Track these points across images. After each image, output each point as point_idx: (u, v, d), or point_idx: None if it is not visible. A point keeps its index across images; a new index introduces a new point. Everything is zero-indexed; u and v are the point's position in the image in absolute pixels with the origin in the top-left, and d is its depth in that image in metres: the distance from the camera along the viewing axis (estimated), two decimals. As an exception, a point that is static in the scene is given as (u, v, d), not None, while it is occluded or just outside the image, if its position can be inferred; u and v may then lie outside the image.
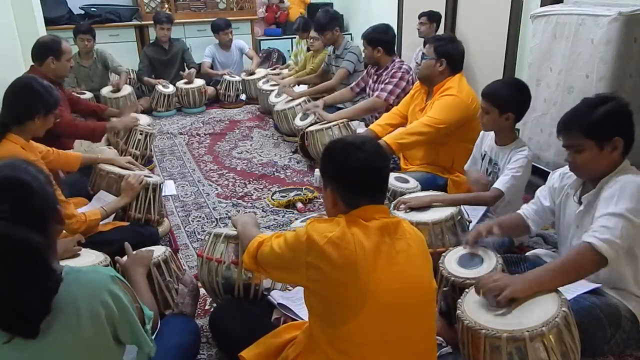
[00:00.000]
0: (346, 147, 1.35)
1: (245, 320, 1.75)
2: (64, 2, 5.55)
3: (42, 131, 2.22)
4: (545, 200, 1.93)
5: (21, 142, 2.11)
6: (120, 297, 1.14)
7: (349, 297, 1.24)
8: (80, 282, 1.11)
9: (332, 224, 1.29)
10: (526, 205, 2.00)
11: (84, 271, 1.16)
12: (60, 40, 3.04)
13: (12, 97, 2.17)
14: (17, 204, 1.07)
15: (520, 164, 2.23)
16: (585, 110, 1.66)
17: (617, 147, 1.63)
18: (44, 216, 1.12)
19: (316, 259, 1.25)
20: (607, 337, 1.63)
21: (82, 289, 1.10)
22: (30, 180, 1.12)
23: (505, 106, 2.23)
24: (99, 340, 1.11)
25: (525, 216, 1.96)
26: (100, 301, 1.10)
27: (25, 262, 1.02)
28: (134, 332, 1.18)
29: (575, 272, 1.54)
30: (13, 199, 1.07)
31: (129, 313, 1.16)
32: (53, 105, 2.22)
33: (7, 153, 2.04)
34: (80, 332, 1.08)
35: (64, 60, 3.01)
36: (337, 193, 1.34)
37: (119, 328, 1.15)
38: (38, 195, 1.11)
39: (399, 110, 3.12)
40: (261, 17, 6.57)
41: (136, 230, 2.40)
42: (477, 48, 3.93)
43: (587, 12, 2.55)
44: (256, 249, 1.47)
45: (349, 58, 4.28)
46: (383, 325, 1.26)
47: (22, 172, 1.14)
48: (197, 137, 4.42)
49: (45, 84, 2.23)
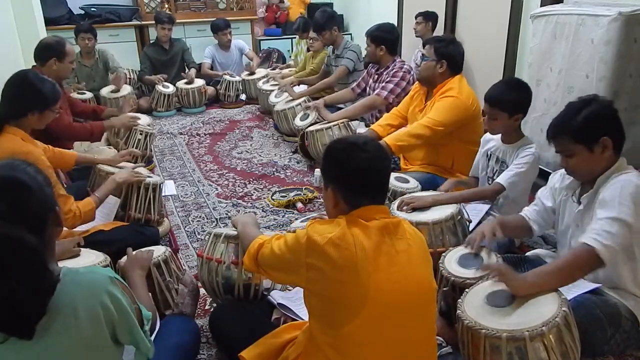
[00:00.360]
0: (348, 147, 1.35)
1: (245, 320, 1.75)
2: (64, 2, 5.55)
3: (42, 124, 2.21)
4: (547, 200, 1.93)
5: (20, 134, 2.09)
6: (118, 298, 1.14)
7: (349, 297, 1.24)
8: (78, 283, 1.11)
9: (332, 225, 1.29)
10: (528, 208, 2.00)
11: (82, 272, 1.16)
12: (65, 42, 3.03)
13: (9, 91, 2.16)
14: (15, 204, 1.07)
15: (525, 160, 2.22)
16: (569, 115, 1.68)
17: (607, 147, 1.64)
18: (41, 217, 1.13)
19: (316, 259, 1.25)
20: (607, 337, 1.63)
21: (81, 290, 1.10)
22: (28, 180, 1.12)
23: (514, 108, 2.25)
24: (98, 341, 1.11)
25: (527, 218, 1.96)
26: (98, 302, 1.10)
27: (21, 262, 1.01)
28: (132, 333, 1.18)
29: (573, 273, 1.56)
30: (10, 199, 1.07)
31: (127, 314, 1.16)
32: (51, 102, 2.19)
33: (7, 145, 2.04)
34: (79, 333, 1.07)
35: (67, 62, 2.99)
36: (338, 193, 1.34)
37: (118, 329, 1.15)
38: (36, 195, 1.11)
39: (399, 111, 3.12)
40: (261, 17, 6.57)
41: (137, 231, 2.40)
42: (477, 48, 3.92)
43: (587, 12, 2.56)
44: (257, 251, 1.47)
45: (348, 56, 4.28)
46: (383, 326, 1.26)
47: (20, 172, 1.14)
48: (197, 137, 4.42)
49: (45, 79, 2.21)
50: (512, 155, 2.32)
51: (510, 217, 2.04)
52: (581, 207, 1.75)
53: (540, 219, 1.95)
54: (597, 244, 1.51)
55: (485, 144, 2.50)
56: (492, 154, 2.43)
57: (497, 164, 2.39)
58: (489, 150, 2.45)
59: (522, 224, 1.96)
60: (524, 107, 2.27)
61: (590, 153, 1.65)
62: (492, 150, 2.43)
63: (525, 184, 2.29)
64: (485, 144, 2.50)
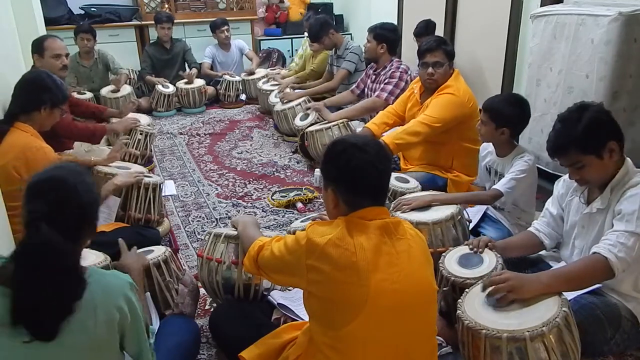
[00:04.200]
0: (348, 149, 1.33)
1: (245, 320, 1.75)
2: (64, 2, 5.54)
3: (49, 124, 2.26)
4: (554, 209, 1.93)
5: (31, 131, 2.15)
6: (134, 304, 1.16)
7: (349, 298, 1.24)
8: (100, 284, 1.12)
9: (331, 227, 1.29)
10: (537, 221, 2.00)
11: (107, 274, 1.19)
12: (44, 38, 2.99)
13: (22, 87, 2.22)
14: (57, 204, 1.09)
15: (519, 168, 2.23)
16: (568, 128, 1.65)
17: (614, 150, 1.64)
18: (80, 226, 1.15)
19: (317, 261, 1.25)
20: (608, 338, 1.64)
21: (101, 292, 1.12)
22: (80, 193, 1.14)
23: (501, 121, 2.25)
24: (108, 344, 1.12)
25: (537, 230, 1.96)
26: (115, 306, 1.12)
27: (59, 269, 1.04)
28: (140, 342, 1.20)
29: (583, 281, 1.56)
30: (53, 199, 1.09)
31: (139, 322, 1.17)
32: (61, 100, 2.25)
33: (19, 140, 2.10)
34: (94, 334, 1.09)
35: (48, 57, 2.91)
36: (339, 194, 1.34)
37: (127, 336, 1.16)
38: (78, 201, 1.14)
39: (395, 110, 3.12)
40: (261, 17, 6.56)
41: (138, 232, 2.39)
42: (477, 48, 3.92)
43: (587, 12, 2.55)
44: (257, 253, 1.47)
45: (349, 58, 4.27)
46: (383, 327, 1.26)
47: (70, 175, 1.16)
48: (197, 137, 4.42)
49: (56, 79, 2.26)
50: (507, 166, 2.33)
51: (515, 237, 2.04)
52: (589, 210, 1.75)
53: (551, 229, 1.94)
54: (611, 255, 1.51)
55: (483, 159, 2.51)
56: (491, 167, 2.45)
57: (496, 176, 2.41)
58: (488, 164, 2.47)
59: (531, 241, 1.95)
60: (514, 123, 2.27)
61: (600, 160, 1.64)
62: (491, 164, 2.45)
63: (526, 189, 2.28)
64: (483, 159, 2.51)
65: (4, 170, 2.07)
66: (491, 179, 2.45)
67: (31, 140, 2.12)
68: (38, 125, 2.21)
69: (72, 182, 1.14)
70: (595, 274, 1.54)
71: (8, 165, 2.06)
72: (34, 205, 1.08)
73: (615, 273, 1.52)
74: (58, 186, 1.12)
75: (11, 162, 2.06)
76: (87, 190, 1.16)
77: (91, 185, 1.19)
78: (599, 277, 1.56)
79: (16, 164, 2.06)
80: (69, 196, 1.12)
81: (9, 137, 2.13)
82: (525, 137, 2.91)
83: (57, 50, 2.95)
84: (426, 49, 2.80)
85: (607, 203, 1.68)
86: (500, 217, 2.36)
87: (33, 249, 1.04)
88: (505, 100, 2.32)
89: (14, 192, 2.09)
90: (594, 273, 1.54)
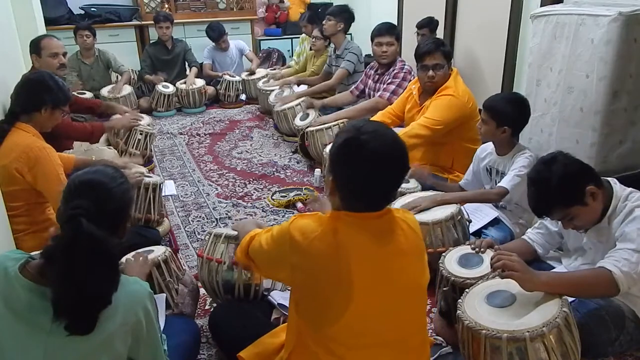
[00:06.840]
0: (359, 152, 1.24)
1: (245, 320, 1.75)
2: (64, 2, 5.54)
3: (49, 125, 2.26)
4: (552, 225, 1.94)
5: (32, 131, 2.15)
6: (152, 316, 1.17)
7: (334, 295, 1.22)
8: (124, 288, 1.13)
9: (315, 221, 1.26)
10: (531, 230, 2.01)
11: (129, 279, 1.20)
12: (41, 37, 2.98)
13: (23, 87, 2.22)
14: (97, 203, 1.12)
15: (521, 164, 2.24)
16: (543, 190, 1.65)
17: (595, 192, 1.64)
18: (117, 225, 1.19)
19: (300, 259, 1.24)
20: (612, 339, 1.64)
21: (125, 296, 1.13)
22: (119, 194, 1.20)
23: (502, 121, 2.27)
24: (118, 349, 1.13)
25: (530, 240, 1.97)
26: (134, 313, 1.14)
27: (102, 262, 1.06)
28: (156, 351, 1.21)
29: (585, 290, 1.57)
30: (94, 199, 1.12)
31: (155, 333, 1.19)
32: (63, 101, 2.25)
33: (21, 140, 2.10)
34: (111, 336, 1.10)
35: (46, 56, 2.89)
36: (337, 190, 1.28)
37: (142, 346, 1.17)
38: (117, 199, 1.19)
39: (394, 110, 3.12)
40: (261, 17, 6.56)
41: (138, 232, 2.39)
42: (477, 48, 3.92)
43: (587, 12, 2.55)
44: (248, 243, 1.45)
45: (349, 58, 4.27)
46: (371, 325, 1.25)
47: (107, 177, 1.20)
48: (197, 137, 4.42)
49: (58, 80, 2.27)
50: (507, 165, 2.34)
51: (511, 244, 2.04)
52: (589, 239, 1.77)
53: (545, 242, 1.96)
54: (615, 269, 1.51)
55: (481, 161, 2.50)
56: (491, 168, 2.45)
57: (497, 176, 2.41)
58: (488, 165, 2.47)
59: (524, 249, 1.95)
60: (514, 122, 2.30)
61: (585, 207, 1.64)
62: (491, 164, 2.45)
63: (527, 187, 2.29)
64: (481, 161, 2.50)
65: (5, 171, 2.07)
66: (492, 179, 2.45)
67: (34, 141, 2.12)
68: (39, 126, 2.20)
69: (111, 184, 1.18)
70: (598, 285, 1.54)
71: (10, 165, 2.06)
72: (77, 202, 1.10)
73: (620, 288, 1.51)
74: (99, 186, 1.16)
75: (13, 163, 2.06)
76: (124, 190, 1.22)
77: (128, 187, 1.24)
78: (602, 289, 1.55)
79: (18, 165, 2.06)
80: (109, 196, 1.16)
81: (10, 137, 2.13)
82: (525, 137, 2.91)
83: (54, 49, 2.92)
84: (425, 51, 2.79)
85: (607, 234, 1.69)
86: (503, 216, 2.36)
87: (77, 243, 1.04)
88: (505, 99, 2.34)
89: (15, 192, 2.09)
90: (597, 284, 1.53)
